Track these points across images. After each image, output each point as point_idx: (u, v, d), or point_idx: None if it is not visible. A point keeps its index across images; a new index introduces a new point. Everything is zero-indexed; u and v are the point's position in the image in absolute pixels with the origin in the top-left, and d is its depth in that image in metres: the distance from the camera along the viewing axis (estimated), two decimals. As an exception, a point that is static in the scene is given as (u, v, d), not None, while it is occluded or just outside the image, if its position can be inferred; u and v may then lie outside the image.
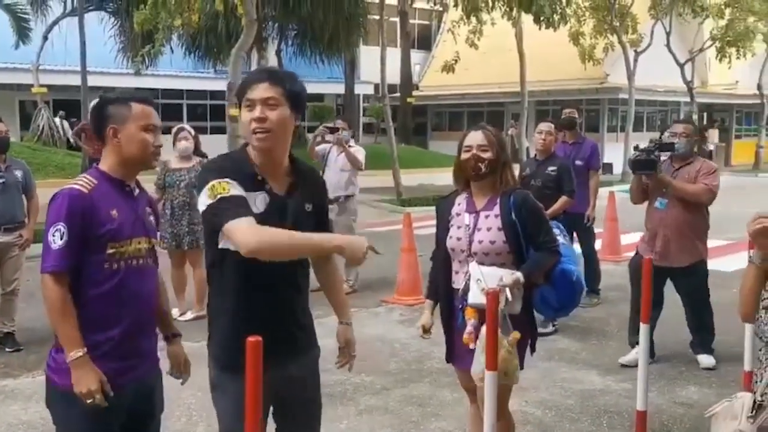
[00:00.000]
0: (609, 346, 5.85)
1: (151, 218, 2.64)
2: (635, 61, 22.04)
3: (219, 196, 2.31)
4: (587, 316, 6.70)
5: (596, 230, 7.45)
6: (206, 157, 6.79)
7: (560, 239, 3.33)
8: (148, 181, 7.31)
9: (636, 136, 24.93)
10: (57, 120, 19.71)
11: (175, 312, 6.69)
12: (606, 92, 26.02)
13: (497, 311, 2.84)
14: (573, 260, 3.37)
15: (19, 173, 5.84)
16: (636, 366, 4.90)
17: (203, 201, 2.35)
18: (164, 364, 2.79)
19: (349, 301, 3.06)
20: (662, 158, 5.26)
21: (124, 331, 2.46)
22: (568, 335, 6.16)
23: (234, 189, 2.33)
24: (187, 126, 6.85)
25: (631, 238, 7.73)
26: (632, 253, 8.71)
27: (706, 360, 5.36)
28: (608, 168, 21.78)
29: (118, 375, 2.44)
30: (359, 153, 7.68)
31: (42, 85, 19.56)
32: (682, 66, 23.55)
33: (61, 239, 2.35)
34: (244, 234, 2.25)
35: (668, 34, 22.72)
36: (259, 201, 2.40)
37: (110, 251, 2.41)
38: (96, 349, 2.41)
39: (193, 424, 4.32)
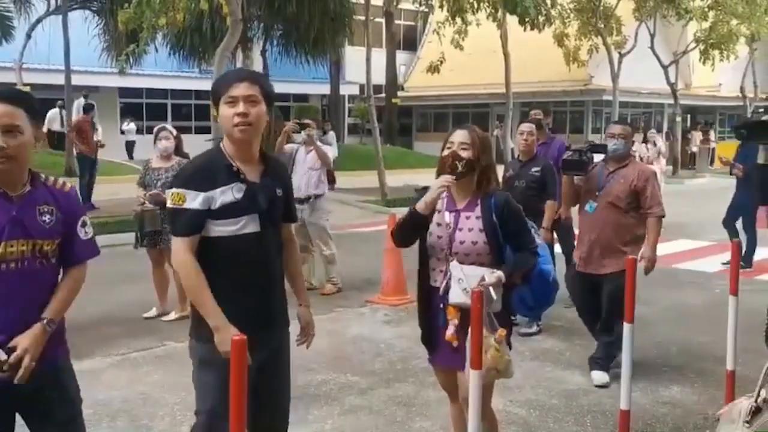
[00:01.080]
0: (593, 346, 5.86)
1: (47, 218, 2.50)
2: (619, 63, 22.17)
3: (174, 206, 2.69)
4: (572, 316, 6.69)
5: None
6: (188, 157, 6.76)
7: (537, 240, 3.39)
8: (132, 180, 7.18)
9: (620, 137, 25.05)
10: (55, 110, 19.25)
11: (152, 312, 6.63)
12: (590, 94, 26.19)
13: (482, 311, 2.86)
14: (548, 260, 3.44)
15: None
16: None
17: (168, 200, 2.75)
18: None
19: (334, 300, 3.13)
20: (595, 160, 5.08)
21: None
22: (553, 335, 6.18)
23: (189, 201, 2.67)
24: (168, 126, 6.82)
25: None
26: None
27: (599, 377, 4.99)
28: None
29: None
30: (329, 151, 7.73)
31: (25, 84, 19.35)
32: (666, 68, 23.72)
33: None
34: (176, 251, 2.70)
35: (652, 36, 22.87)
36: (235, 190, 2.71)
37: None
38: None
39: (177, 423, 4.30)
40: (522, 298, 3.37)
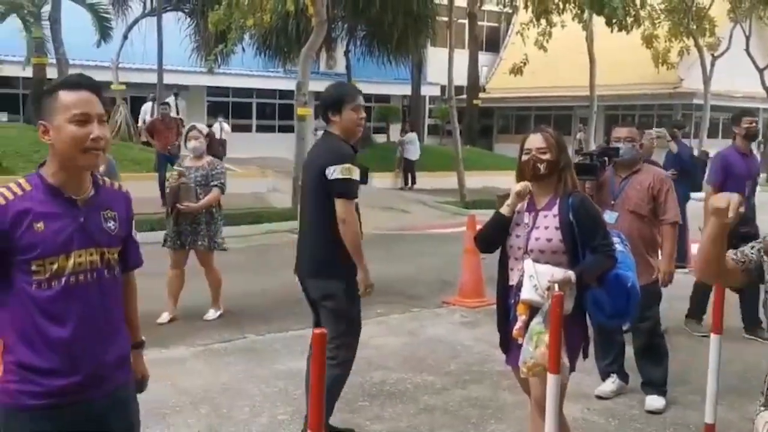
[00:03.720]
0: (676, 358, 5.69)
1: (111, 224, 2.26)
2: (712, 65, 21.36)
3: (349, 177, 3.65)
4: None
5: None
6: (219, 157, 6.64)
7: (619, 247, 3.32)
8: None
9: (711, 142, 24.19)
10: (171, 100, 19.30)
11: (165, 317, 6.31)
12: (680, 97, 25.32)
13: (561, 315, 2.84)
14: (630, 267, 3.33)
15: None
16: (611, 398, 4.73)
17: (336, 173, 3.63)
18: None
19: (410, 300, 3.16)
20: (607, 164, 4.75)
21: (68, 348, 2.15)
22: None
23: (355, 174, 3.68)
24: (198, 125, 6.62)
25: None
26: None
27: (652, 402, 4.61)
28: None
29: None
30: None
31: (121, 83, 20.25)
32: (761, 71, 22.72)
33: None
34: (350, 211, 3.68)
35: (748, 37, 21.96)
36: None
37: (34, 268, 2.10)
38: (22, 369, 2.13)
39: (256, 414, 4.42)
40: (598, 303, 3.29)
